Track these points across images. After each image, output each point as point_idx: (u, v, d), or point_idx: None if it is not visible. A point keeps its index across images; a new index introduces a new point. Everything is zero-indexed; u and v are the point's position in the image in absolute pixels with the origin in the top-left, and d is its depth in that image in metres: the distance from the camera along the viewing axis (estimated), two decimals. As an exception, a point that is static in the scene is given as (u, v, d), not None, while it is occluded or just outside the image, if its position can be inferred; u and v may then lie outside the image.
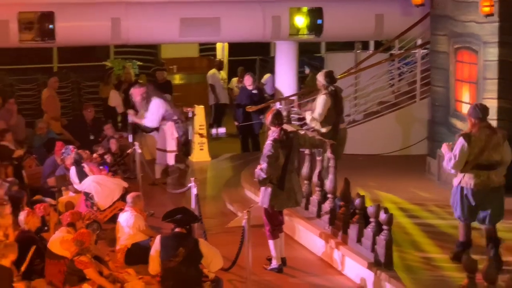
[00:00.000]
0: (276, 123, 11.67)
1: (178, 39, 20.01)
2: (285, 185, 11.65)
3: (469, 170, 10.75)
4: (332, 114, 13.29)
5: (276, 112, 11.87)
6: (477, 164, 10.72)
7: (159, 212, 13.79)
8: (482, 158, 10.72)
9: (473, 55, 14.62)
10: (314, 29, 20.25)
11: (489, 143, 10.72)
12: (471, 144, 10.67)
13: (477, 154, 10.69)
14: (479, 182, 10.74)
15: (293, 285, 11.28)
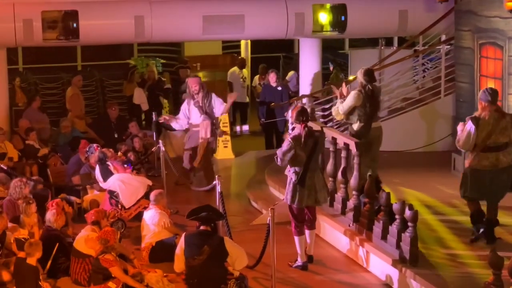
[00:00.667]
0: (301, 120, 11.61)
1: (201, 36, 20.01)
2: (306, 183, 11.60)
3: (478, 152, 11.34)
4: (364, 111, 13.03)
5: (301, 109, 11.82)
6: (486, 146, 11.30)
7: (183, 209, 13.84)
8: (490, 141, 11.30)
9: (498, 50, 14.57)
10: (337, 26, 20.20)
11: (496, 127, 11.27)
12: (479, 127, 11.24)
13: (484, 137, 11.26)
14: (489, 164, 11.36)
15: (318, 282, 11.28)
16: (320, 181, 11.80)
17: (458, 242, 11.71)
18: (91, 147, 15.11)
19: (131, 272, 10.73)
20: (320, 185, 11.79)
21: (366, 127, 12.90)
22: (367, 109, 12.86)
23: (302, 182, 11.60)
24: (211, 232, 10.95)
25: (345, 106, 12.91)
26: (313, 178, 11.66)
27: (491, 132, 11.28)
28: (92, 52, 24.38)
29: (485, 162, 11.40)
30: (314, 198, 11.72)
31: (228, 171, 17.86)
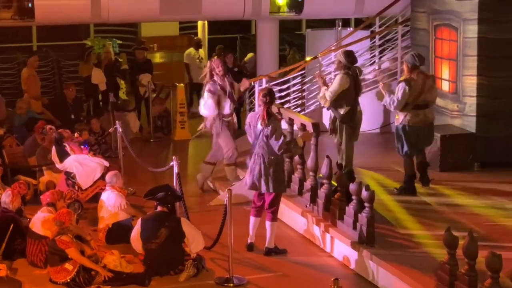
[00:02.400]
0: (264, 101, 11.27)
1: (159, 17, 19.92)
2: (250, 166, 11.48)
3: (409, 110, 12.72)
4: (350, 95, 12.96)
5: (267, 91, 11.53)
6: (416, 104, 12.71)
7: (140, 190, 13.80)
8: (420, 99, 12.73)
9: (453, 32, 14.65)
10: (295, 7, 20.22)
11: (424, 86, 12.73)
12: (411, 88, 12.62)
13: (415, 96, 12.66)
14: (419, 120, 12.78)
15: (275, 263, 11.28)
16: (264, 168, 11.30)
17: (414, 222, 11.78)
18: (44, 129, 15.00)
19: (88, 253, 10.67)
20: (264, 172, 11.30)
21: (353, 110, 13.03)
22: (352, 92, 12.96)
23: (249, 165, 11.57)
24: (169, 213, 10.93)
25: (333, 92, 12.89)
26: (256, 163, 11.38)
27: (421, 92, 12.70)
28: (48, 32, 24.13)
29: (416, 118, 12.77)
30: (259, 183, 11.39)
31: (186, 152, 17.82)
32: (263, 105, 11.27)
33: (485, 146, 14.27)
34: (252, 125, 11.41)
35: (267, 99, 11.28)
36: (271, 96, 11.42)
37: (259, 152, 11.31)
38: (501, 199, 12.74)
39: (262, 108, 11.29)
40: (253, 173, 11.37)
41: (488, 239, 10.73)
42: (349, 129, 13.00)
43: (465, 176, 13.89)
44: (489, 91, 14.22)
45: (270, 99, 11.33)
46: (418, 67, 12.78)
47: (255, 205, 11.63)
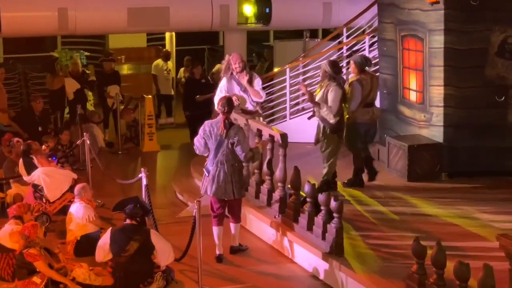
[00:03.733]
0: (222, 111, 11.44)
1: (126, 29, 19.93)
2: (211, 173, 11.60)
3: (361, 108, 13.47)
4: (340, 105, 13.25)
5: (225, 99, 11.66)
6: (366, 103, 13.51)
7: (109, 202, 13.79)
8: (369, 98, 13.59)
9: (419, 42, 14.74)
10: (262, 18, 20.31)
11: (372, 85, 13.58)
12: (364, 87, 13.43)
13: (366, 95, 13.48)
14: (369, 117, 13.60)
15: (244, 274, 11.30)
16: (230, 174, 11.50)
17: (383, 232, 11.83)
18: (11, 141, 14.93)
19: (56, 266, 10.61)
20: (228, 179, 11.50)
21: (342, 120, 13.39)
22: (341, 102, 13.29)
23: (208, 171, 11.67)
24: (138, 226, 10.89)
25: (334, 106, 13.11)
26: (220, 170, 11.51)
27: (370, 90, 13.54)
28: (15, 45, 24.01)
29: (367, 116, 13.60)
30: (224, 190, 11.54)
31: (154, 163, 17.80)
32: (222, 114, 11.43)
33: (452, 156, 14.36)
34: (214, 134, 11.48)
35: (225, 109, 11.44)
36: (229, 105, 11.53)
37: (222, 160, 11.47)
38: (469, 208, 12.82)
39: (221, 117, 11.45)
40: (217, 180, 11.50)
41: (456, 249, 10.78)
42: (338, 139, 13.37)
43: (432, 186, 13.98)
44: (455, 101, 14.31)
45: (228, 108, 11.48)
46: (365, 67, 13.65)
47: (215, 213, 11.79)
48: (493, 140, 14.20)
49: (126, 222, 10.88)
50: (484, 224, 11.99)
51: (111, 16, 19.12)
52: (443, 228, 11.89)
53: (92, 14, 18.95)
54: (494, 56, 14.18)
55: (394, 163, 14.55)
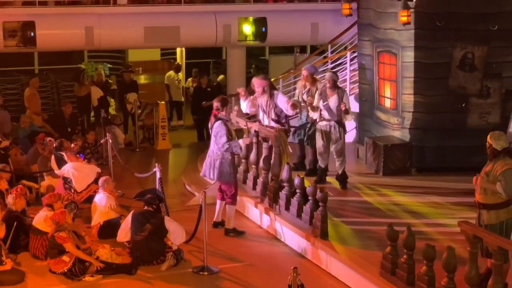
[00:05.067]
0: (216, 107, 11.70)
1: (143, 45, 19.92)
2: (205, 159, 12.02)
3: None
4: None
5: (219, 98, 11.89)
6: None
7: (128, 193, 13.78)
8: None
9: (393, 57, 14.72)
10: (259, 36, 20.29)
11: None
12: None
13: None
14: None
15: (243, 254, 11.28)
16: (212, 161, 11.80)
17: (362, 219, 11.82)
18: (45, 140, 14.90)
19: (83, 247, 10.60)
20: (211, 164, 11.81)
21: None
22: None
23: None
24: (154, 212, 10.92)
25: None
26: (208, 156, 11.91)
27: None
28: (48, 57, 23.95)
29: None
30: (208, 172, 11.93)
31: (166, 160, 17.74)
32: (214, 110, 11.73)
33: (420, 154, 14.35)
34: (210, 126, 11.87)
35: (217, 106, 11.70)
36: (222, 103, 11.69)
37: (210, 148, 11.85)
38: (434, 198, 12.82)
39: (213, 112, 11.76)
40: (205, 163, 11.94)
41: (424, 233, 10.79)
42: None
43: (404, 179, 13.95)
44: (423, 107, 14.29)
45: (219, 105, 11.67)
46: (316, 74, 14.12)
47: (219, 190, 12.08)
48: (455, 141, 14.18)
49: (144, 208, 10.92)
50: (448, 212, 11.99)
51: (130, 34, 19.11)
52: (413, 215, 11.88)
53: (114, 32, 18.95)
54: (456, 69, 14.16)
55: (371, 160, 14.53)
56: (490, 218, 8.85)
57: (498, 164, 8.80)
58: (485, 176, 8.89)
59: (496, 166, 8.81)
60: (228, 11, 19.75)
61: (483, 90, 14.20)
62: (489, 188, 8.82)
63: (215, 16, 19.52)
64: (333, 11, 19.04)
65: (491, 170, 8.84)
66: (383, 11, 14.94)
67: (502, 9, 13.99)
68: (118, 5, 19.16)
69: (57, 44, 19.05)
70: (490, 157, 8.93)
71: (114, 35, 19.02)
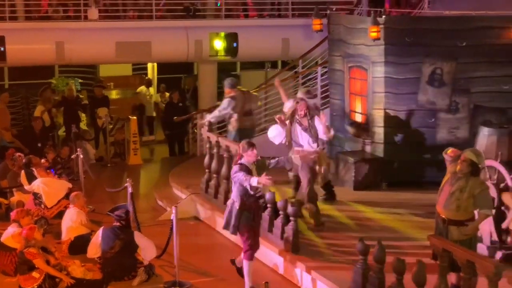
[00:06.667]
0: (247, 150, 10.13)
1: (114, 60, 19.86)
2: None
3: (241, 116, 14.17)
4: None
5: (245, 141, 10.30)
6: (244, 112, 14.19)
7: (99, 208, 13.73)
8: (245, 108, 14.20)
9: (364, 72, 14.82)
10: (230, 51, 20.31)
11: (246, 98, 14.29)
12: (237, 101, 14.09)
13: (242, 106, 14.17)
14: (249, 124, 14.33)
15: (215, 268, 11.27)
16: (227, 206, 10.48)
17: (333, 233, 11.84)
18: (14, 156, 14.80)
19: (53, 263, 10.52)
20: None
21: None
22: None
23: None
24: (124, 228, 10.87)
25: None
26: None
27: (245, 102, 14.23)
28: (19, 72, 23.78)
29: (247, 123, 14.25)
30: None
31: (138, 175, 17.69)
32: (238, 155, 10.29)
33: (391, 169, 14.43)
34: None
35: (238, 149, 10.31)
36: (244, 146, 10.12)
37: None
38: (404, 212, 12.89)
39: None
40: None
41: (394, 247, 10.82)
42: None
43: (374, 194, 14.02)
44: (394, 122, 14.39)
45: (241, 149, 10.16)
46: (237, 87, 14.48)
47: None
48: (425, 155, 14.29)
49: (115, 224, 10.87)
50: (418, 225, 12.05)
51: (101, 49, 19.04)
52: (384, 229, 11.94)
53: (85, 47, 18.87)
54: (425, 84, 14.29)
55: (343, 175, 14.58)
56: (461, 234, 8.91)
57: (475, 181, 8.82)
58: (458, 192, 8.89)
59: (473, 184, 8.82)
60: (199, 27, 19.77)
61: (452, 105, 14.34)
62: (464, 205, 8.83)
63: (186, 31, 19.53)
64: (303, 26, 19.12)
65: (466, 187, 8.86)
66: (354, 27, 15.06)
67: (470, 25, 14.17)
68: (89, 20, 19.10)
69: (27, 59, 18.93)
70: (465, 173, 8.92)
71: (85, 50, 18.95)
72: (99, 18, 19.32)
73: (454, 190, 8.94)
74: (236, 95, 14.24)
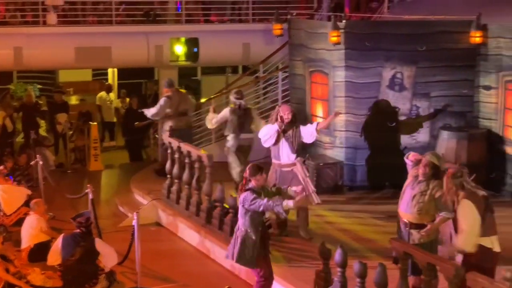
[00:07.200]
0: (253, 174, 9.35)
1: (74, 65, 19.72)
2: None
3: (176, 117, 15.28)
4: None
5: (252, 166, 9.40)
6: (179, 112, 15.34)
7: (60, 215, 13.59)
8: (180, 109, 15.35)
9: (325, 77, 14.89)
10: (191, 56, 20.27)
11: (180, 99, 15.43)
12: (172, 101, 15.26)
13: (176, 107, 15.29)
14: (184, 124, 15.39)
15: (176, 274, 11.24)
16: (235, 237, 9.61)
17: (294, 237, 11.87)
18: (-31, 164, 14.63)
19: (12, 271, 10.40)
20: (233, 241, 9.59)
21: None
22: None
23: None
24: (84, 234, 10.77)
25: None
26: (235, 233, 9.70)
27: (180, 102, 15.39)
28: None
29: (182, 123, 15.34)
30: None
31: (99, 181, 17.57)
32: (244, 179, 9.46)
33: (352, 173, 14.52)
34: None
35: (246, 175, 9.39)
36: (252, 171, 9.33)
37: (238, 222, 9.60)
38: (366, 215, 12.97)
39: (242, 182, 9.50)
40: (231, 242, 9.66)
41: (356, 250, 10.89)
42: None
43: (336, 198, 14.08)
44: (354, 126, 14.48)
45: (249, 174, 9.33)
46: (173, 86, 15.57)
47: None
48: (386, 159, 14.38)
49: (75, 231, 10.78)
50: (378, 229, 12.13)
51: (60, 54, 18.89)
52: (345, 233, 11.99)
53: (44, 53, 18.71)
54: (386, 88, 14.41)
55: (304, 179, 14.61)
56: (422, 237, 9.00)
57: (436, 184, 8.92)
58: (419, 195, 8.98)
59: (434, 187, 8.91)
60: (160, 32, 19.71)
61: (412, 109, 14.47)
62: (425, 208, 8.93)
63: (147, 36, 19.47)
64: (264, 31, 19.16)
65: (427, 190, 8.95)
66: (314, 32, 15.13)
67: (429, 30, 14.32)
68: (48, 25, 18.95)
69: (-16, 65, 18.75)
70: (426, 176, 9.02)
71: (44, 55, 18.78)
72: (58, 23, 19.17)
73: (415, 193, 9.03)
74: (172, 95, 15.39)
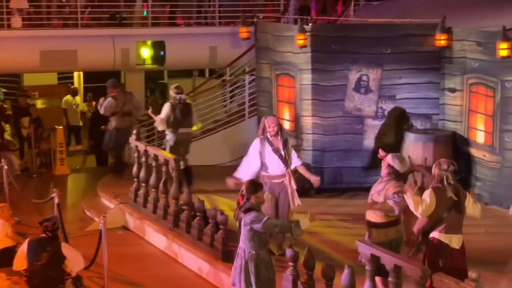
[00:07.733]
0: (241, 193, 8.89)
1: (39, 69, 19.59)
2: None
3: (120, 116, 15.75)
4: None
5: (251, 183, 8.94)
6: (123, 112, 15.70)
7: (25, 220, 13.48)
8: (124, 109, 15.62)
9: (291, 80, 14.95)
10: (157, 59, 20.23)
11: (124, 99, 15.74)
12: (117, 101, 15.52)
13: (120, 107, 15.63)
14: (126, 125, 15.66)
15: (145, 277, 11.19)
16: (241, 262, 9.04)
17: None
18: None
19: (-23, 277, 10.31)
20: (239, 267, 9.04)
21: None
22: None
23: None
24: (50, 239, 10.69)
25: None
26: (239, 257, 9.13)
27: (125, 103, 15.74)
28: None
29: (126, 123, 15.62)
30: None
31: (65, 185, 17.43)
32: (240, 197, 8.90)
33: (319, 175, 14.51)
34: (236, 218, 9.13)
35: (243, 192, 8.84)
36: (250, 189, 8.79)
37: (241, 246, 8.97)
38: (333, 218, 13.02)
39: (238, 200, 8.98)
40: (234, 267, 9.10)
41: (323, 253, 10.93)
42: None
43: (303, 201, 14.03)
44: (321, 129, 14.55)
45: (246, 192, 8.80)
46: (117, 87, 15.96)
47: None
48: (353, 162, 14.48)
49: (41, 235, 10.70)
50: (345, 231, 12.18)
51: (25, 58, 18.76)
52: (313, 236, 12.02)
53: (8, 56, 18.56)
54: (352, 91, 14.50)
55: (271, 182, 14.63)
56: (379, 236, 9.14)
57: (391, 185, 9.05)
58: (377, 195, 9.16)
59: (389, 187, 9.06)
60: (126, 35, 19.64)
61: (378, 112, 14.57)
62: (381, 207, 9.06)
63: (113, 40, 19.38)
64: (231, 34, 19.17)
65: (382, 190, 9.11)
66: (281, 35, 15.18)
67: (395, 33, 14.44)
68: (12, 28, 18.80)
69: None
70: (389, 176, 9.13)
71: (8, 59, 18.62)
72: (22, 27, 19.02)
73: (373, 193, 9.20)
74: (116, 95, 15.78)
